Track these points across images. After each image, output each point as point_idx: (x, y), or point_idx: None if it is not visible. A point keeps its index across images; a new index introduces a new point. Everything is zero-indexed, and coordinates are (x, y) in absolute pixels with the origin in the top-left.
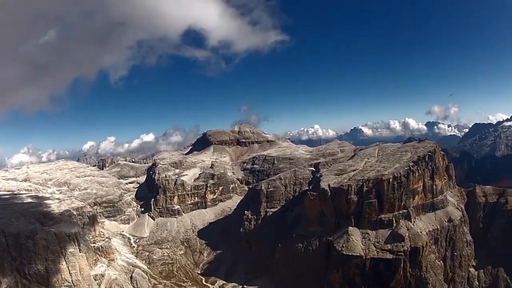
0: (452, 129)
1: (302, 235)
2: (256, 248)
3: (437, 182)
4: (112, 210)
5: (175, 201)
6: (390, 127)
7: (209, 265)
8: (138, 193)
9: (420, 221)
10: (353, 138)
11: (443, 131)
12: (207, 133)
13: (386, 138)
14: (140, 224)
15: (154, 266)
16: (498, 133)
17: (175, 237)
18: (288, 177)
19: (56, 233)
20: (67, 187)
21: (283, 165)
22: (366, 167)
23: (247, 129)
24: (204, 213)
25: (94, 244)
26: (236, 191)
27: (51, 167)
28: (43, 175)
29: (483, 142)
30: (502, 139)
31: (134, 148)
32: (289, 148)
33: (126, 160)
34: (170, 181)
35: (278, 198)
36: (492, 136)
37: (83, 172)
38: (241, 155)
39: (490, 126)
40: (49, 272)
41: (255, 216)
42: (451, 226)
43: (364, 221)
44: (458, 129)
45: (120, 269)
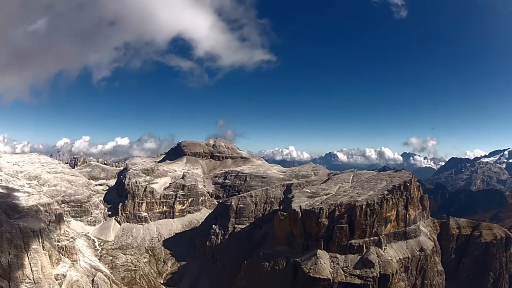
0: (428, 161)
1: (269, 253)
2: (221, 263)
3: (411, 211)
4: (79, 210)
5: (143, 208)
6: (365, 154)
7: (173, 276)
8: (106, 196)
9: (391, 249)
10: (327, 162)
11: (419, 162)
12: (181, 143)
13: (361, 165)
14: (106, 228)
15: (117, 272)
16: (475, 168)
17: (140, 244)
18: (259, 195)
19: (21, 227)
20: (37, 181)
21: (255, 183)
22: (339, 192)
23: (222, 143)
24: (171, 223)
25: (58, 243)
26: (205, 204)
27: (23, 159)
28: (15, 166)
29: (459, 176)
30: (479, 174)
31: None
32: (263, 167)
33: (98, 162)
34: (140, 187)
35: (248, 215)
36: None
37: (54, 168)
38: (213, 169)
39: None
40: (11, 267)
41: (223, 231)
42: (422, 256)
43: (334, 245)
44: (434, 161)
45: (82, 271)
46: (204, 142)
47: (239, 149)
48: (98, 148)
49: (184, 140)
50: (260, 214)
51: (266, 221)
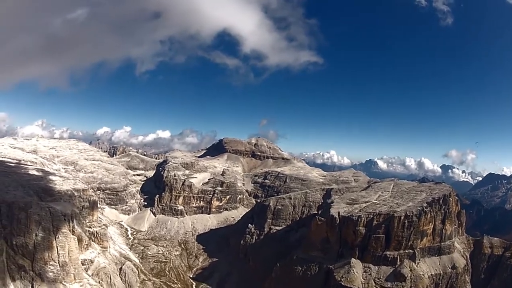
0: (465, 175)
1: (302, 258)
2: (253, 263)
3: (448, 226)
4: (114, 198)
5: (180, 201)
6: (405, 164)
7: (203, 271)
8: (144, 187)
9: (424, 264)
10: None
11: (457, 176)
12: (223, 140)
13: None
14: (140, 218)
15: (147, 262)
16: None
17: (173, 237)
18: (298, 198)
19: (52, 210)
20: (74, 167)
21: (295, 185)
22: (379, 201)
23: (264, 143)
24: (207, 219)
25: (89, 229)
26: (243, 202)
27: (61, 144)
28: (51, 150)
29: (495, 193)
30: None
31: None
32: (303, 169)
33: (138, 152)
34: (178, 180)
35: (285, 217)
36: (504, 188)
37: (92, 155)
38: (254, 168)
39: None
40: (36, 248)
41: (258, 231)
42: (453, 273)
43: (369, 255)
44: (471, 176)
45: (111, 259)
46: (246, 140)
47: (280, 149)
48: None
49: (226, 137)
50: (297, 217)
51: (302, 225)
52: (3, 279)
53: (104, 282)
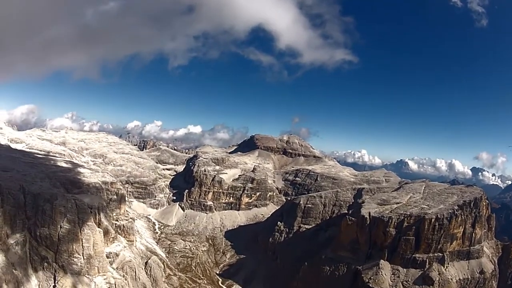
0: (495, 179)
1: (331, 258)
2: (281, 262)
3: (477, 230)
4: (143, 192)
5: (209, 197)
6: (435, 165)
7: (229, 268)
8: (173, 181)
9: (452, 268)
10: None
11: (487, 179)
12: (255, 137)
13: (430, 175)
14: (168, 212)
15: (173, 257)
16: None
17: (201, 232)
18: (329, 197)
19: (78, 202)
20: (102, 160)
21: (326, 184)
22: (410, 202)
23: (296, 140)
24: (236, 215)
25: (116, 222)
26: (273, 199)
27: (90, 137)
28: (80, 143)
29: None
30: None
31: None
32: (335, 168)
33: (168, 147)
34: (208, 176)
35: (315, 216)
36: None
37: (121, 149)
38: (285, 165)
39: None
40: (61, 240)
41: (287, 229)
42: (481, 279)
43: (398, 257)
44: (501, 179)
45: (136, 252)
46: (277, 137)
47: (312, 147)
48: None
49: (257, 134)
50: (327, 216)
51: (332, 224)
52: (25, 269)
53: (128, 276)
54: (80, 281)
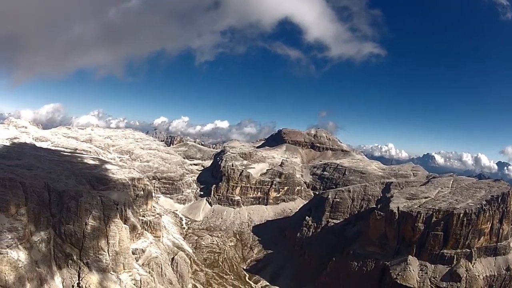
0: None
1: (359, 253)
2: (308, 256)
3: (505, 226)
4: (170, 187)
5: (237, 191)
6: (462, 159)
7: (257, 263)
8: (200, 176)
9: (479, 264)
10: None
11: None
12: (282, 131)
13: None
14: (195, 207)
15: (200, 252)
16: None
17: (228, 227)
18: (357, 191)
19: (103, 199)
20: (129, 156)
21: (354, 178)
22: (438, 197)
23: (324, 134)
24: (263, 210)
25: (143, 218)
26: (301, 194)
27: (116, 133)
28: (107, 140)
29: None
30: None
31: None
32: (362, 162)
33: (196, 142)
34: (236, 170)
35: (343, 210)
36: None
37: (148, 145)
38: (313, 159)
39: None
40: (86, 237)
41: (315, 223)
42: (507, 276)
43: (426, 252)
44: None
45: (163, 248)
46: (305, 132)
47: (340, 141)
48: (197, 129)
49: (285, 128)
50: (355, 210)
51: (360, 219)
52: (49, 267)
53: (154, 272)
54: (105, 278)
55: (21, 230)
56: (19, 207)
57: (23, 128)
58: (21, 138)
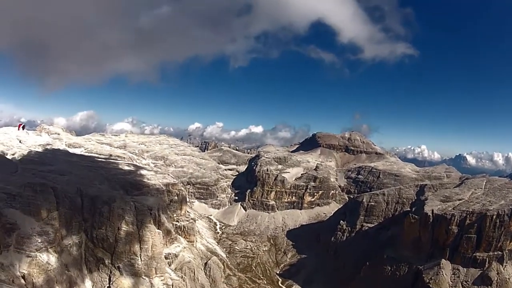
0: None
1: (393, 257)
2: (342, 261)
3: None
4: (204, 192)
5: (272, 196)
6: (493, 159)
7: (290, 268)
8: (235, 181)
9: (510, 267)
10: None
11: None
12: (316, 135)
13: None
14: (230, 212)
15: (234, 257)
16: None
17: (262, 232)
18: (391, 194)
19: (137, 205)
20: (163, 162)
21: (388, 181)
22: (471, 198)
23: (358, 137)
24: (298, 214)
25: (176, 223)
26: (335, 198)
27: (150, 139)
28: (141, 146)
29: None
30: None
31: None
32: (396, 164)
33: (230, 147)
34: (270, 175)
35: (377, 214)
36: None
37: (183, 150)
38: (347, 163)
39: None
40: (118, 242)
41: (350, 227)
42: None
43: (459, 256)
44: None
45: (196, 253)
46: (339, 135)
47: (374, 144)
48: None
49: (319, 132)
50: (390, 214)
51: (395, 222)
52: (80, 270)
53: (187, 277)
54: (137, 283)
55: (51, 234)
56: (50, 211)
57: (56, 135)
58: (54, 144)
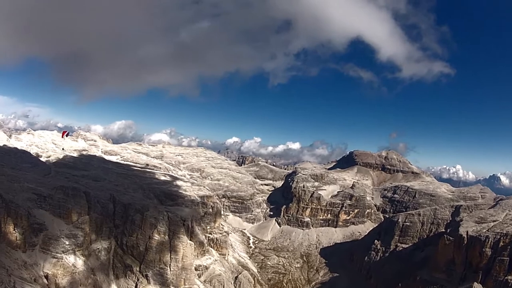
0: None
1: (426, 280)
2: (375, 281)
3: None
4: (239, 206)
5: (307, 213)
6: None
7: (321, 286)
8: (271, 197)
9: None
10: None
11: None
12: (353, 153)
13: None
14: (264, 227)
15: (265, 272)
16: None
17: (296, 249)
18: (427, 215)
19: (170, 215)
20: (200, 174)
21: (424, 201)
22: (506, 220)
23: (394, 156)
24: (332, 232)
25: (209, 235)
26: (370, 217)
27: (188, 151)
28: (178, 157)
29: None
30: None
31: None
32: (432, 184)
33: (267, 162)
34: (307, 192)
35: (412, 235)
36: None
37: (220, 163)
38: (383, 182)
39: None
40: (148, 250)
41: (384, 247)
42: None
43: (491, 279)
44: None
45: (227, 266)
46: (376, 153)
47: (410, 163)
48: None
49: (356, 150)
50: (425, 234)
51: (429, 243)
52: (106, 275)
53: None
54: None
55: (80, 238)
56: (81, 215)
57: (92, 141)
58: (90, 150)
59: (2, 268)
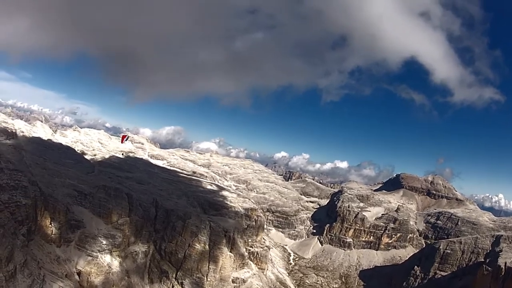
0: None
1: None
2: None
3: None
4: (283, 221)
5: (350, 233)
6: None
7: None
8: (315, 214)
9: None
10: None
11: None
12: (400, 176)
13: None
14: (306, 245)
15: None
16: None
17: (335, 269)
18: (468, 243)
19: (213, 225)
20: (246, 186)
21: (465, 228)
22: None
23: (440, 181)
24: (373, 255)
25: (250, 248)
26: (412, 242)
27: (235, 162)
28: (225, 167)
29: None
30: None
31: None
32: (475, 212)
33: (314, 179)
34: (351, 212)
35: (452, 263)
36: None
37: (266, 177)
38: (428, 207)
39: None
40: (187, 258)
41: (423, 274)
42: None
43: None
44: None
45: (265, 281)
46: (422, 177)
47: (455, 189)
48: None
49: (403, 173)
50: (464, 263)
51: (468, 273)
52: (141, 278)
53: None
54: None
55: (118, 239)
56: (121, 216)
57: (140, 144)
58: (136, 153)
59: (33, 260)
